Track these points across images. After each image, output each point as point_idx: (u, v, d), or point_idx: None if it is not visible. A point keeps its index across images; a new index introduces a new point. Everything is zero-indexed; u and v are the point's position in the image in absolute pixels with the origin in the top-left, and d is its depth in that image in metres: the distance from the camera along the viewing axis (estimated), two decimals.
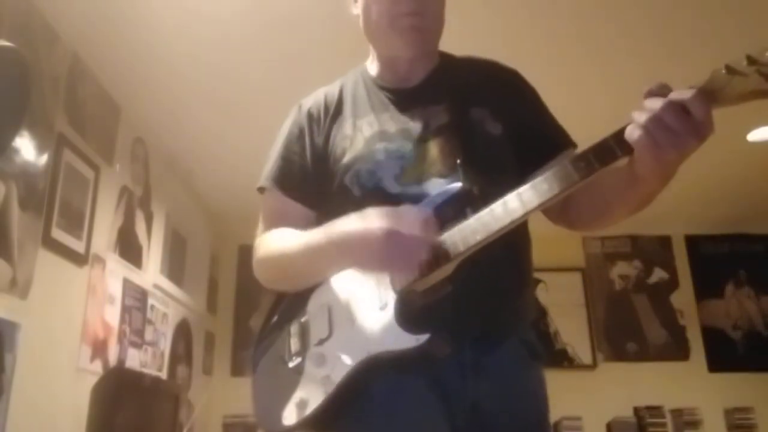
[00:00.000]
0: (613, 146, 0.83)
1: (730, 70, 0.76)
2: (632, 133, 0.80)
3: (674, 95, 0.79)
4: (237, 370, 4.12)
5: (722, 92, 0.77)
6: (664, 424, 4.08)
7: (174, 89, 2.78)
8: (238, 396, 1.11)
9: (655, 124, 0.78)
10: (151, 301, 3.14)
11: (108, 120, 2.77)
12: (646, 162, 0.82)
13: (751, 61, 0.75)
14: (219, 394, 3.99)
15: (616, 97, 2.69)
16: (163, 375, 3.27)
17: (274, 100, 1.24)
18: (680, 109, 0.77)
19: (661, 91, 0.80)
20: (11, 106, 2.01)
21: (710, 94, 0.77)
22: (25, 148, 2.09)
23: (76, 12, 2.25)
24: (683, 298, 4.55)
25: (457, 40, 1.24)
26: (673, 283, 4.60)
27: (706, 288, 4.57)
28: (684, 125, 0.77)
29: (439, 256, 0.92)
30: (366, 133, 1.11)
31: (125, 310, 2.81)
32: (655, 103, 0.79)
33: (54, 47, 2.30)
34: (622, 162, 0.84)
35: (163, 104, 2.90)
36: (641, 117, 0.79)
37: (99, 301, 2.57)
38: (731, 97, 0.77)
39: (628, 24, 2.41)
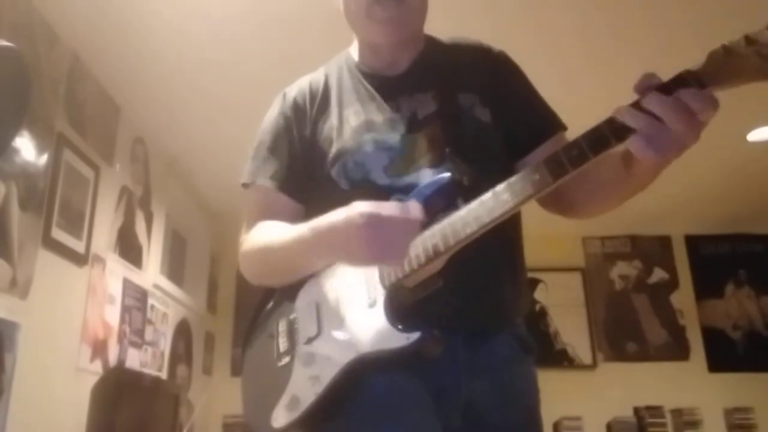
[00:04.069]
0: (607, 134, 0.79)
1: (728, 51, 0.73)
2: (633, 141, 0.76)
3: (682, 97, 0.74)
4: (237, 370, 4.11)
5: (720, 74, 0.74)
6: (664, 424, 4.08)
7: (174, 89, 2.78)
8: (238, 396, 1.10)
9: (656, 129, 0.75)
10: (151, 301, 3.14)
11: (108, 120, 2.77)
12: (645, 163, 0.80)
13: (750, 41, 0.72)
14: (219, 394, 4.00)
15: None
16: (163, 375, 3.27)
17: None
18: (686, 112, 0.74)
19: (649, 83, 0.77)
20: (11, 106, 2.01)
21: (707, 77, 0.74)
22: (25, 148, 2.09)
23: (76, 12, 2.25)
24: (683, 298, 4.55)
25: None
26: (673, 283, 4.60)
27: (706, 288, 4.57)
28: (686, 126, 0.74)
29: (428, 248, 0.89)
30: (353, 124, 1.08)
31: (125, 310, 2.81)
32: (654, 105, 0.75)
33: (54, 47, 2.30)
34: (616, 149, 0.81)
35: (163, 104, 2.90)
36: (639, 122, 0.76)
37: (99, 301, 2.57)
38: (729, 80, 0.74)
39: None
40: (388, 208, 0.87)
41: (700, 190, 3.78)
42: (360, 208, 0.87)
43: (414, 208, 0.88)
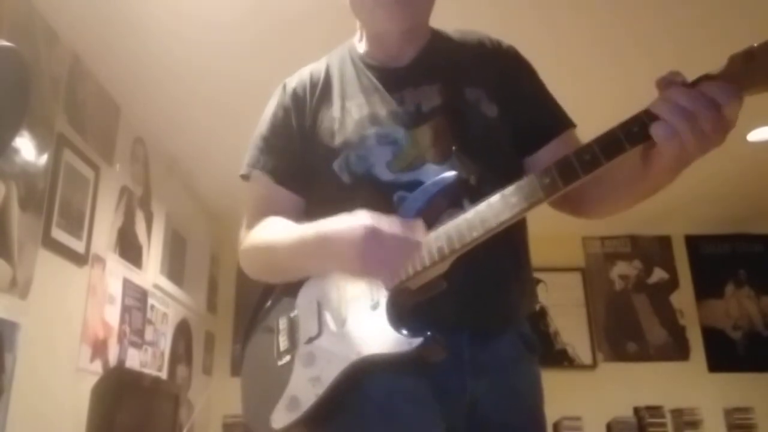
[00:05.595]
0: (622, 139, 0.77)
1: (750, 56, 0.70)
2: (659, 131, 0.74)
3: (706, 90, 0.72)
4: (237, 370, 4.10)
5: (740, 80, 0.71)
6: (664, 424, 4.08)
7: (174, 90, 2.78)
8: (238, 396, 1.09)
9: (688, 126, 0.72)
10: (151, 301, 3.14)
11: (108, 120, 2.77)
12: (666, 159, 0.77)
13: None
14: (219, 394, 4.00)
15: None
16: (163, 375, 3.27)
17: None
18: (713, 105, 0.71)
19: (674, 78, 0.75)
20: (11, 106, 2.01)
21: (729, 82, 0.71)
22: (25, 148, 2.09)
23: (76, 12, 2.24)
24: (683, 298, 4.55)
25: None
26: (673, 283, 4.60)
27: (706, 288, 4.57)
28: (715, 123, 0.71)
29: (433, 250, 0.87)
30: (355, 116, 1.05)
31: (125, 310, 2.81)
32: (685, 99, 0.72)
33: (54, 47, 2.30)
34: (630, 153, 0.78)
35: (163, 105, 2.90)
36: (670, 114, 0.73)
37: (99, 301, 2.57)
38: (751, 86, 0.71)
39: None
40: (392, 224, 0.85)
41: (700, 190, 3.77)
42: (363, 219, 0.85)
43: (417, 228, 0.86)
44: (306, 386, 0.93)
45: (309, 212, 1.07)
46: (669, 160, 0.78)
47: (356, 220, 0.86)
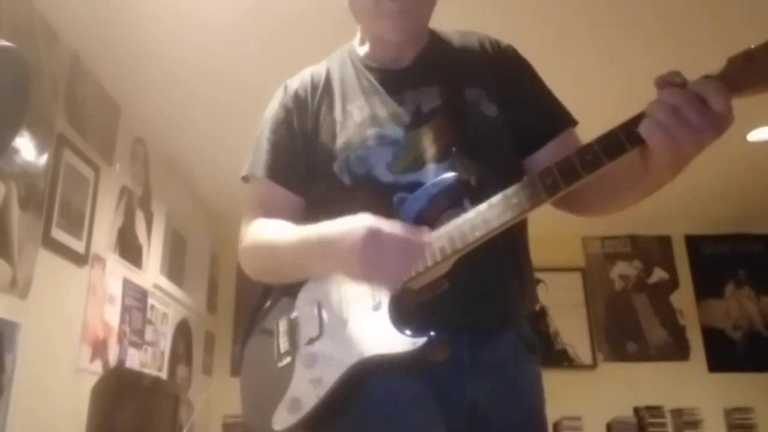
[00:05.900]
0: (623, 139, 0.77)
1: (749, 56, 0.71)
2: (648, 130, 0.75)
3: (694, 87, 0.73)
4: (237, 370, 4.10)
5: (739, 81, 0.72)
6: (664, 424, 4.08)
7: (174, 90, 2.78)
8: (238, 396, 1.09)
9: (673, 119, 0.73)
10: (151, 301, 3.14)
11: (108, 120, 2.77)
12: (662, 157, 0.77)
13: None
14: (219, 394, 4.00)
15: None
16: (163, 375, 3.27)
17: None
18: (700, 102, 0.72)
19: (674, 79, 0.75)
20: (11, 106, 2.01)
21: (728, 83, 0.72)
22: (25, 148, 2.09)
23: (76, 12, 2.24)
24: (683, 298, 4.55)
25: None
26: (673, 283, 4.60)
27: (706, 288, 4.57)
28: (704, 119, 0.72)
29: (435, 251, 0.87)
30: (356, 118, 1.06)
31: (125, 310, 2.81)
32: (673, 97, 0.73)
33: (54, 47, 2.30)
34: (632, 153, 0.79)
35: (163, 105, 2.90)
36: (658, 112, 0.74)
37: (99, 301, 2.57)
38: (749, 87, 0.72)
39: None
40: (394, 227, 0.85)
41: (700, 190, 3.77)
42: (365, 221, 0.85)
43: (422, 232, 0.85)
44: (307, 388, 0.93)
45: (309, 214, 1.07)
46: (663, 155, 0.77)
47: (358, 222, 0.86)
